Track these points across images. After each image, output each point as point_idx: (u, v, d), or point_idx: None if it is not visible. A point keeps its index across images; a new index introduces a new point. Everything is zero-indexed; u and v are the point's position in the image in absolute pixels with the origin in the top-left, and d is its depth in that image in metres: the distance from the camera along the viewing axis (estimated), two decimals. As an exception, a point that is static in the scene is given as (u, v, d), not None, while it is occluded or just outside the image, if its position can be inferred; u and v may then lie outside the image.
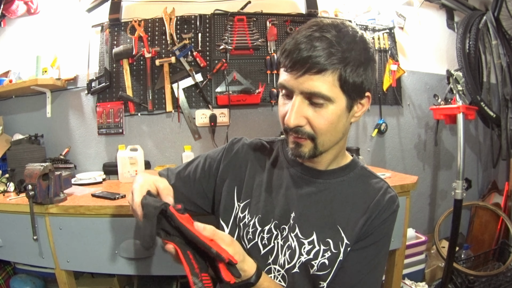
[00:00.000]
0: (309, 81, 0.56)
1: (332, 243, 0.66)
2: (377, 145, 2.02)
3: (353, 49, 0.57)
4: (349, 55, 0.56)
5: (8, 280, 1.55)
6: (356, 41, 0.58)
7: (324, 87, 0.56)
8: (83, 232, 1.19)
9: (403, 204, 1.34)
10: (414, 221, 2.05)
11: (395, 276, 1.41)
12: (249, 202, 0.73)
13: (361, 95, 0.62)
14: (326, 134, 0.61)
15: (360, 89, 0.60)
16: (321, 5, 1.86)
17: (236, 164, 0.77)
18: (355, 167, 0.73)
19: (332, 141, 0.64)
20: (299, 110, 0.59)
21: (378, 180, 0.71)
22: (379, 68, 1.95)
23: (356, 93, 0.60)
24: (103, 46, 1.79)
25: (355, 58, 0.57)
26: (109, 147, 1.80)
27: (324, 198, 0.69)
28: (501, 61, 2.02)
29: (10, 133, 1.76)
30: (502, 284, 1.76)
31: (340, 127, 0.62)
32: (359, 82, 0.59)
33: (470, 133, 2.25)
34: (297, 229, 0.67)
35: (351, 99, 0.61)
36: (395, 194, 0.69)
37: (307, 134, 0.61)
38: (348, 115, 0.63)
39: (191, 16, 1.79)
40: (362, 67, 0.59)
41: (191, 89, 1.79)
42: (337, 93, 0.58)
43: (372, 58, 0.61)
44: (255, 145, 0.80)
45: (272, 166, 0.75)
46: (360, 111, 0.65)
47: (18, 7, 1.75)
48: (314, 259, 0.65)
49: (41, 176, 1.11)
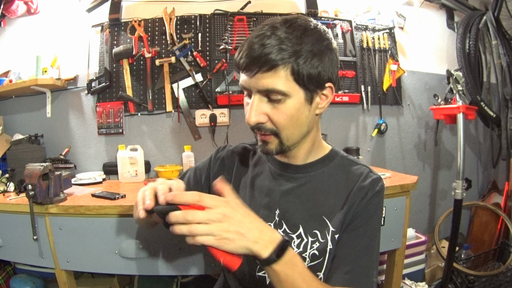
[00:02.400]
0: (263, 79, 0.58)
1: (319, 233, 0.66)
2: (377, 145, 2.02)
3: (304, 41, 0.57)
4: (299, 48, 0.57)
5: (8, 280, 1.55)
6: (307, 33, 0.58)
7: (279, 82, 0.57)
8: (83, 232, 1.19)
9: (403, 204, 1.34)
10: (414, 221, 2.05)
11: (395, 276, 1.41)
12: None
13: (321, 86, 0.62)
14: (288, 128, 0.62)
15: (319, 80, 0.60)
16: (321, 5, 1.86)
17: (223, 170, 0.81)
18: (335, 157, 0.73)
19: (297, 134, 0.64)
20: (258, 108, 0.60)
21: (359, 167, 0.71)
22: (379, 68, 1.96)
23: (314, 84, 0.60)
24: (103, 46, 1.79)
25: (307, 50, 0.57)
26: (109, 147, 1.80)
27: (306, 191, 0.69)
28: (501, 61, 2.02)
29: (10, 133, 1.76)
30: (502, 284, 1.76)
31: (302, 120, 0.63)
32: (315, 73, 0.59)
33: (470, 133, 2.25)
34: (284, 225, 0.69)
35: (310, 91, 0.61)
36: (378, 177, 0.69)
37: (270, 130, 0.62)
38: (310, 107, 0.63)
39: (191, 16, 1.79)
40: (316, 58, 0.58)
41: (191, 89, 1.79)
42: (292, 87, 0.59)
43: (327, 48, 0.60)
44: (239, 149, 0.83)
45: (255, 167, 0.78)
46: (324, 102, 0.65)
47: (18, 7, 1.75)
48: (304, 252, 0.66)
49: (41, 176, 1.11)
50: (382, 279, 1.58)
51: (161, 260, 1.19)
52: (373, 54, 1.95)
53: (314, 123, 0.67)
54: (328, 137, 1.83)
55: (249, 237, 0.51)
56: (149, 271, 1.21)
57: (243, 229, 0.51)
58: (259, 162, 0.78)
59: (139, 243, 1.17)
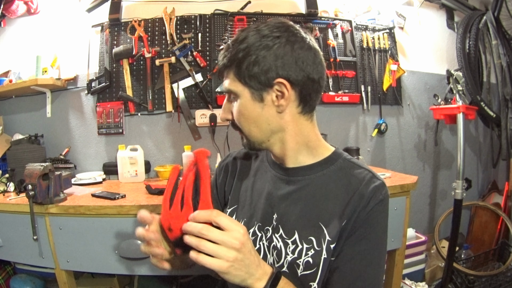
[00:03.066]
0: (223, 82, 0.67)
1: (315, 240, 0.63)
2: (377, 145, 2.02)
3: (242, 44, 0.62)
4: (238, 52, 0.62)
5: (8, 280, 1.55)
6: (249, 35, 0.62)
7: (230, 83, 0.65)
8: (83, 232, 1.19)
9: (403, 204, 1.34)
10: (414, 221, 2.05)
11: (395, 276, 1.41)
12: (236, 208, 0.76)
13: (268, 83, 0.62)
14: (244, 125, 0.67)
15: (263, 78, 0.61)
16: (321, 5, 1.86)
17: (227, 176, 0.83)
18: (337, 159, 0.69)
19: (257, 132, 0.66)
20: (226, 106, 0.69)
21: (361, 171, 0.66)
22: (379, 68, 1.96)
23: (258, 83, 0.62)
24: (103, 46, 1.79)
25: (247, 52, 0.61)
26: (109, 147, 1.80)
27: (305, 195, 0.67)
28: (501, 61, 2.02)
29: (10, 133, 1.76)
30: (502, 284, 1.76)
31: (256, 118, 0.65)
32: (257, 72, 0.61)
33: (470, 133, 2.25)
34: (281, 229, 0.67)
35: (256, 89, 0.63)
36: (381, 183, 0.64)
37: (236, 126, 0.69)
38: (263, 104, 0.63)
39: (191, 16, 1.79)
40: (255, 58, 0.61)
41: (191, 89, 1.79)
42: (238, 86, 0.64)
43: (267, 47, 0.60)
44: (241, 154, 0.84)
45: (257, 171, 0.78)
46: (282, 100, 0.63)
47: (18, 7, 1.75)
48: (299, 258, 0.64)
49: (41, 176, 1.11)
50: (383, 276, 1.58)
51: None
52: (373, 54, 1.95)
53: (283, 122, 0.65)
54: (328, 137, 1.83)
55: (250, 271, 0.53)
56: (149, 271, 1.21)
57: (247, 263, 0.53)
58: (261, 166, 0.78)
59: (139, 243, 1.17)
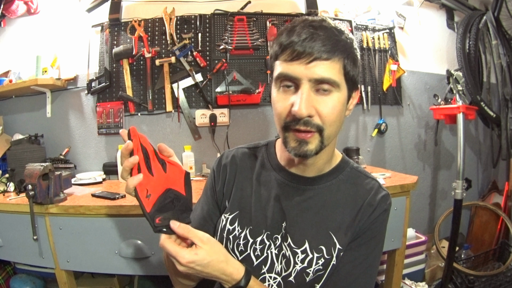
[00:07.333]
0: (318, 67, 0.55)
1: (325, 249, 0.65)
2: (377, 145, 2.02)
3: (349, 44, 0.60)
4: (348, 48, 0.59)
5: (8, 280, 1.55)
6: (350, 37, 0.61)
7: (333, 72, 0.57)
8: (83, 232, 1.19)
9: (403, 204, 1.34)
10: (414, 221, 2.05)
11: (395, 276, 1.41)
12: (238, 214, 0.71)
13: (355, 88, 0.64)
14: (332, 124, 0.59)
15: (355, 82, 0.62)
16: (321, 5, 1.86)
17: (225, 178, 0.75)
18: (345, 167, 0.71)
19: (334, 133, 0.62)
20: (309, 98, 0.56)
21: (369, 181, 0.70)
22: (379, 68, 1.95)
23: (353, 84, 0.62)
24: (103, 46, 1.79)
25: (353, 52, 0.60)
26: (109, 147, 1.80)
27: (314, 204, 0.67)
28: (501, 61, 2.02)
29: (10, 133, 1.76)
30: (502, 284, 1.76)
31: (342, 118, 0.62)
32: (355, 75, 0.61)
33: (470, 133, 2.25)
34: (289, 238, 0.66)
35: (349, 90, 0.62)
36: (387, 193, 0.68)
37: (316, 126, 0.58)
38: (347, 106, 0.64)
39: (191, 16, 1.79)
40: (356, 63, 0.61)
41: (191, 89, 1.79)
42: (342, 80, 0.59)
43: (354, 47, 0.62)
44: (240, 154, 0.77)
45: (259, 175, 0.73)
46: (352, 105, 0.66)
47: (18, 7, 1.76)
48: (309, 267, 0.65)
49: (41, 176, 1.12)
50: (382, 279, 1.58)
51: (161, 260, 1.19)
52: (373, 54, 1.95)
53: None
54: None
55: (220, 276, 0.59)
56: (149, 271, 1.21)
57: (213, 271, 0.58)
58: (263, 170, 0.73)
59: (139, 243, 1.17)
